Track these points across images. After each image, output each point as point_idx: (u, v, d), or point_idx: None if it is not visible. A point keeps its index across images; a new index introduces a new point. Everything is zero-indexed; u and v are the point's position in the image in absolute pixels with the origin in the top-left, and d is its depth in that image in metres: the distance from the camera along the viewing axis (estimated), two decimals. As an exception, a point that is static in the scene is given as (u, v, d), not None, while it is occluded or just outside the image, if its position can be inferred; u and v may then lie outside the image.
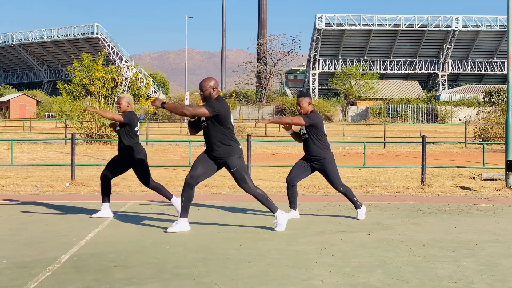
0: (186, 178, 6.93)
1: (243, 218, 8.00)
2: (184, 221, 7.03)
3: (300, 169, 7.85)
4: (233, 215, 8.26)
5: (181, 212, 7.05)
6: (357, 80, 70.19)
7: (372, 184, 12.08)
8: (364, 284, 4.83)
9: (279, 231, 7.05)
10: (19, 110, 76.56)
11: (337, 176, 7.76)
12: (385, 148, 24.54)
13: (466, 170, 14.88)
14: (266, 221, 7.79)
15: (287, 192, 7.95)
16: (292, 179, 7.84)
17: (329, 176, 7.74)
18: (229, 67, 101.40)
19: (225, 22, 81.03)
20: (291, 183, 7.85)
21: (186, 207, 6.99)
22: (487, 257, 5.80)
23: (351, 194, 7.87)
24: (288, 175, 7.95)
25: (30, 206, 8.92)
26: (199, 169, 6.93)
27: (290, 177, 7.87)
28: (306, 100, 7.72)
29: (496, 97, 51.01)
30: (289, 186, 7.89)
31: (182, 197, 6.97)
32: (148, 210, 8.66)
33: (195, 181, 6.93)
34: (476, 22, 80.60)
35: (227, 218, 8.00)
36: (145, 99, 27.28)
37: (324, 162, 7.69)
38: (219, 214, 8.30)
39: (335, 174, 7.74)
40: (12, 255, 5.78)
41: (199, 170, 6.92)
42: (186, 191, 6.93)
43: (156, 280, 4.93)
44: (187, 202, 6.96)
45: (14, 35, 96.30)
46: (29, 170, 14.55)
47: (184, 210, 7.01)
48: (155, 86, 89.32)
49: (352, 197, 7.87)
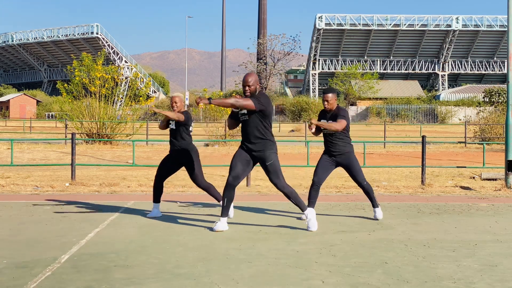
0: (229, 179, 6.93)
1: (243, 218, 8.00)
2: (224, 221, 7.08)
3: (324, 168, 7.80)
4: (233, 215, 8.25)
5: (222, 211, 7.07)
6: (357, 80, 70.19)
7: (372, 184, 12.07)
8: (364, 284, 4.83)
9: (313, 230, 7.07)
10: (19, 110, 76.57)
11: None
12: (385, 148, 24.53)
13: (466, 170, 14.88)
14: (266, 221, 7.79)
15: (310, 193, 7.83)
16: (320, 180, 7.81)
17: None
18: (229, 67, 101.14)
19: (225, 22, 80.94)
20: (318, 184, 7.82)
21: (227, 207, 7.04)
22: (487, 257, 5.80)
23: (372, 192, 7.89)
24: (315, 176, 7.82)
25: (30, 206, 8.92)
26: (238, 168, 6.96)
27: (316, 178, 7.81)
28: (334, 96, 7.71)
29: (496, 97, 50.96)
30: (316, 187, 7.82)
31: (224, 198, 6.99)
32: (148, 210, 8.65)
33: (237, 182, 6.97)
34: (476, 22, 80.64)
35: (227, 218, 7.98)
36: (145, 99, 27.27)
37: (349, 155, 7.72)
38: (219, 214, 8.28)
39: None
40: (12, 255, 5.77)
41: (238, 169, 6.96)
42: (229, 191, 6.95)
43: (156, 280, 4.93)
44: (229, 202, 7.02)
45: (14, 35, 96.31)
46: (29, 170, 14.54)
47: (225, 210, 7.04)
48: (155, 86, 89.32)
49: (373, 195, 7.89)
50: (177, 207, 9.04)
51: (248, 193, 10.73)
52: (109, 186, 11.43)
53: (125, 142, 25.07)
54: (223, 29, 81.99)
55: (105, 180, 12.36)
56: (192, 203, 9.40)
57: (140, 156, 18.98)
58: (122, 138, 25.93)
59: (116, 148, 23.31)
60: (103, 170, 14.73)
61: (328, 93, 7.70)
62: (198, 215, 8.26)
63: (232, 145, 24.35)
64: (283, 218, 8.07)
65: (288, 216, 8.18)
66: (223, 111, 30.88)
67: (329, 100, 7.67)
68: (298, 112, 59.75)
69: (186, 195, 10.41)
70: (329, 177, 12.39)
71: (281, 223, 7.67)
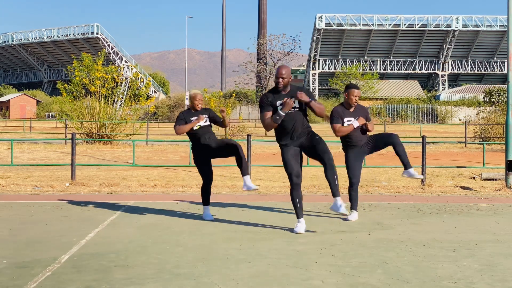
0: (293, 180, 6.83)
1: (243, 218, 8.00)
2: (303, 221, 7.01)
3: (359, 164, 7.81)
4: (233, 215, 8.26)
5: (298, 212, 6.99)
6: (357, 80, 70.16)
7: (372, 184, 12.08)
8: (364, 284, 4.83)
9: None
10: (19, 110, 76.55)
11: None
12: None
13: (466, 170, 14.88)
14: (266, 221, 7.79)
15: (350, 193, 7.85)
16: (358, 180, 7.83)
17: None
18: (229, 67, 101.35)
19: (225, 22, 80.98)
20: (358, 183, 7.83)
21: (300, 207, 6.95)
22: (487, 257, 5.80)
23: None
24: (354, 177, 7.78)
25: (30, 206, 8.92)
26: (296, 166, 6.89)
27: (356, 179, 7.80)
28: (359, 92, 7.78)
29: (496, 97, 50.95)
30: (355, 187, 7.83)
31: (295, 199, 6.89)
32: (148, 210, 8.66)
33: (300, 179, 6.91)
34: (476, 22, 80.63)
35: (227, 218, 7.99)
36: (145, 99, 27.27)
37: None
38: (219, 214, 8.30)
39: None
40: (12, 255, 5.78)
41: (296, 166, 6.90)
42: (297, 191, 6.89)
43: (156, 280, 4.93)
44: (300, 202, 6.94)
45: (14, 35, 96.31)
46: (29, 170, 14.54)
47: (300, 210, 6.96)
48: (155, 86, 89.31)
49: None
50: (177, 207, 9.04)
51: (248, 193, 10.73)
52: (109, 186, 11.43)
53: (125, 142, 25.07)
54: (223, 29, 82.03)
55: (105, 180, 12.36)
56: (192, 203, 9.40)
57: (140, 156, 18.99)
58: (122, 138, 25.93)
59: (116, 148, 23.31)
60: (103, 170, 14.73)
61: (358, 89, 7.74)
62: (198, 215, 8.26)
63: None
64: (283, 218, 8.07)
65: (288, 216, 8.18)
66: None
67: (359, 96, 7.76)
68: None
69: (186, 195, 10.41)
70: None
71: (281, 223, 7.67)
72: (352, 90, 7.74)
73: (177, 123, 7.83)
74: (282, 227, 7.36)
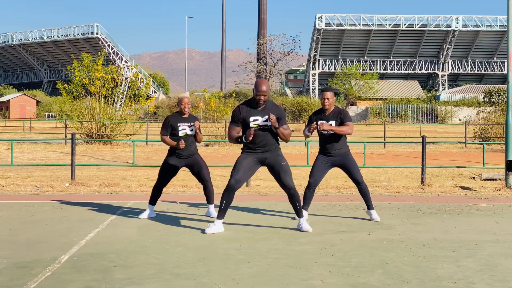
0: (231, 182, 6.79)
1: (243, 218, 8.00)
2: (219, 223, 6.99)
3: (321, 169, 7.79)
4: (233, 215, 8.25)
5: (219, 214, 6.97)
6: (357, 80, 70.14)
7: (372, 184, 12.07)
8: (364, 284, 4.83)
9: (310, 231, 7.10)
10: (19, 110, 76.53)
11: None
12: (385, 148, 24.52)
13: (466, 170, 14.88)
14: (266, 221, 7.79)
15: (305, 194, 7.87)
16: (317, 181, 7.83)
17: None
18: (229, 67, 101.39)
19: (225, 22, 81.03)
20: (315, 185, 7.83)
21: (224, 209, 6.92)
22: (487, 257, 5.80)
23: (369, 193, 7.89)
24: (311, 177, 7.82)
25: (30, 206, 8.92)
26: (242, 172, 6.84)
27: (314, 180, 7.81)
28: (333, 95, 7.73)
29: (496, 97, 50.91)
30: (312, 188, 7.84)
31: (223, 201, 6.87)
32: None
33: (239, 185, 6.87)
34: (476, 22, 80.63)
35: (227, 218, 7.98)
36: (145, 99, 27.28)
37: (346, 156, 7.71)
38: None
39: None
40: (12, 255, 5.77)
41: (242, 173, 6.85)
42: (228, 194, 6.85)
43: (156, 280, 4.93)
44: (227, 205, 6.89)
45: (14, 35, 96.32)
46: (29, 170, 14.54)
47: (222, 213, 6.94)
48: (155, 86, 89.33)
49: (369, 196, 7.89)
50: (177, 207, 9.04)
51: (248, 193, 10.74)
52: (109, 186, 11.43)
53: (125, 142, 25.07)
54: (223, 29, 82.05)
55: (105, 180, 12.36)
56: (192, 203, 9.40)
57: (140, 156, 18.99)
58: (122, 138, 25.93)
59: (116, 148, 23.31)
60: (103, 170, 14.73)
61: (328, 91, 7.68)
62: (198, 215, 8.26)
63: (232, 145, 24.33)
64: (283, 218, 8.07)
65: (288, 216, 8.18)
66: (223, 111, 30.89)
67: (329, 98, 7.65)
68: (298, 112, 59.90)
69: (186, 195, 10.41)
70: (329, 177, 12.41)
71: (281, 223, 7.67)
72: (323, 93, 7.69)
73: (163, 131, 7.95)
74: (282, 227, 7.36)
